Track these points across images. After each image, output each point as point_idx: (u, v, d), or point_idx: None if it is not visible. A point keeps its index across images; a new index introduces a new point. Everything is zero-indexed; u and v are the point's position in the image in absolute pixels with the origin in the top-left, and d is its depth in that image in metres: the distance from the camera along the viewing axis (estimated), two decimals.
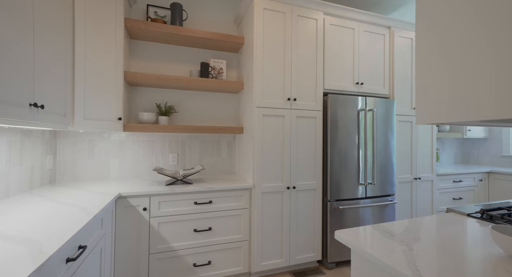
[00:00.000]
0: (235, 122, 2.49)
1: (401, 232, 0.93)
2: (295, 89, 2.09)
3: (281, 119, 2.05)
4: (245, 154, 2.18)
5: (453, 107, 0.72)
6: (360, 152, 2.23)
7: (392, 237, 0.88)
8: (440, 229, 0.97)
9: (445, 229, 0.97)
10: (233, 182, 2.01)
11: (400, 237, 0.88)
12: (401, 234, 0.91)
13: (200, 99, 2.37)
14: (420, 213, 2.58)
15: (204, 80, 2.09)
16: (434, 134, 2.67)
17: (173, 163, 2.25)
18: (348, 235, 0.89)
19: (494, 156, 3.46)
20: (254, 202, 1.95)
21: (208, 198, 1.82)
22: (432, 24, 0.79)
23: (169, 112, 2.13)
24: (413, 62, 2.56)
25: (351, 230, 0.95)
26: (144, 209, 1.63)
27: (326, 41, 2.20)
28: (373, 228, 0.97)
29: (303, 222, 2.10)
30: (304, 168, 2.12)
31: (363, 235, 0.90)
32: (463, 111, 0.70)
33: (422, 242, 0.84)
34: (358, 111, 2.23)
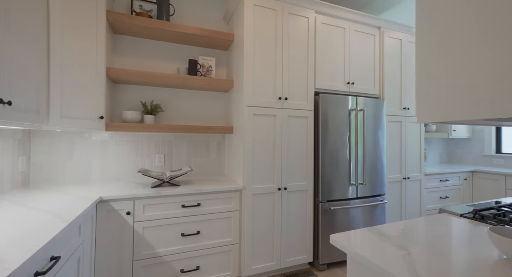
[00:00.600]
0: (225, 121, 2.42)
1: (397, 235, 0.90)
2: (286, 88, 2.04)
3: (272, 118, 2.00)
4: (235, 154, 2.11)
5: (453, 105, 0.69)
6: (351, 152, 2.22)
7: (389, 241, 0.84)
8: (436, 231, 0.95)
9: (441, 231, 0.95)
10: (222, 183, 1.94)
11: (397, 240, 0.85)
12: (398, 237, 0.88)
13: (188, 97, 2.28)
14: (409, 213, 2.61)
15: (193, 77, 2.01)
16: (422, 134, 2.71)
17: (160, 164, 2.15)
18: (343, 239, 0.85)
19: (477, 156, 3.57)
20: (244, 204, 1.89)
21: (196, 201, 1.75)
22: (432, 23, 0.76)
23: (156, 111, 2.03)
24: (402, 62, 2.58)
25: (346, 233, 0.91)
26: (127, 213, 1.54)
27: (317, 40, 2.18)
28: (369, 231, 0.93)
29: (294, 224, 2.06)
30: (296, 168, 2.08)
31: (359, 239, 0.86)
32: (463, 109, 0.67)
33: (420, 245, 0.81)
34: (349, 111, 2.22)
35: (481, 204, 1.32)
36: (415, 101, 2.62)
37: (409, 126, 2.63)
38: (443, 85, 0.72)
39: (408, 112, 2.62)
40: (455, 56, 0.72)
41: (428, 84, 0.75)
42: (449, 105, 0.70)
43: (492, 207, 1.17)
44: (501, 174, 2.89)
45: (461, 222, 1.06)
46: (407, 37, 2.60)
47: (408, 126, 2.62)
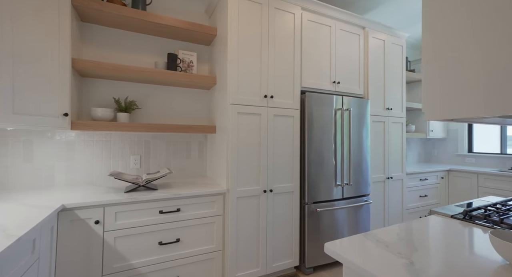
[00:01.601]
0: (207, 120, 2.29)
1: (394, 240, 0.84)
2: (272, 86, 1.96)
3: (257, 117, 1.91)
4: (218, 155, 1.99)
5: (463, 102, 0.64)
6: (337, 153, 2.19)
7: (387, 248, 0.78)
8: (431, 235, 0.91)
9: (437, 234, 0.91)
10: (204, 186, 1.81)
11: (396, 247, 0.79)
12: (395, 243, 0.82)
13: (167, 94, 2.13)
14: (392, 212, 2.64)
15: (172, 73, 1.86)
16: (404, 134, 2.76)
17: (135, 166, 1.97)
18: (338, 248, 0.78)
19: (451, 155, 3.73)
20: (228, 208, 1.78)
21: (176, 206, 1.61)
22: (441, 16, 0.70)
23: (130, 109, 1.86)
24: (386, 63, 2.60)
25: (340, 241, 0.83)
26: (96, 222, 1.36)
27: (303, 38, 2.12)
28: (365, 237, 0.87)
29: (280, 227, 1.98)
30: (282, 169, 2.00)
31: (355, 247, 0.79)
32: (473, 106, 0.62)
33: (420, 252, 0.75)
34: (335, 110, 2.19)
35: (469, 204, 1.31)
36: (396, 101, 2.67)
37: (392, 126, 2.66)
38: (452, 81, 0.67)
39: (391, 112, 2.65)
40: (465, 51, 0.66)
41: (436, 81, 0.69)
42: (458, 102, 0.64)
43: (480, 207, 1.17)
44: (474, 173, 3.03)
45: (454, 224, 1.03)
46: (390, 39, 2.64)
47: (391, 126, 2.65)
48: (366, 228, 2.36)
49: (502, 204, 1.24)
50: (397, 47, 2.70)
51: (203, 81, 2.00)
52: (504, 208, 1.15)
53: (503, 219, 0.99)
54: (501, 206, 1.22)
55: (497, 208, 1.18)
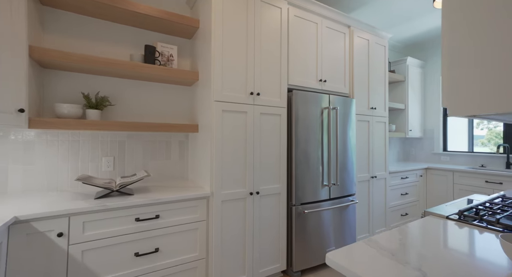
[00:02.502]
0: (189, 119, 2.15)
1: (398, 247, 0.79)
2: (258, 83, 1.87)
3: (243, 115, 1.80)
4: (200, 156, 1.86)
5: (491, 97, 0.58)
6: (324, 152, 2.15)
7: (393, 257, 0.71)
8: (435, 239, 0.86)
9: (438, 238, 0.87)
10: (186, 190, 1.67)
11: (402, 255, 0.73)
12: (400, 251, 0.76)
13: (145, 90, 1.95)
14: (376, 211, 2.66)
15: (150, 66, 1.70)
16: (387, 133, 2.80)
17: (108, 169, 1.78)
18: (342, 260, 0.70)
19: (428, 154, 3.88)
20: (212, 213, 1.65)
21: (154, 212, 1.45)
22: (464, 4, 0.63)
23: (102, 105, 1.67)
24: (370, 63, 2.62)
25: (343, 251, 0.76)
26: (59, 234, 1.18)
27: (290, 34, 2.05)
28: (367, 245, 0.80)
29: (267, 231, 1.89)
30: (269, 170, 1.91)
31: (359, 256, 0.72)
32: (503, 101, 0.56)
33: (429, 260, 0.70)
34: (322, 109, 2.14)
35: (458, 203, 1.31)
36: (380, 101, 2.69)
37: (376, 126, 2.68)
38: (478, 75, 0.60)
39: (375, 112, 2.67)
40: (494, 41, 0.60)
41: (461, 74, 0.62)
42: (486, 97, 0.58)
43: (472, 207, 1.16)
44: (450, 170, 3.16)
45: (452, 226, 1.00)
46: (374, 38, 2.66)
47: (375, 125, 2.68)
48: (352, 228, 2.35)
49: (490, 202, 1.24)
50: (380, 47, 2.73)
51: (184, 76, 1.85)
52: (495, 207, 1.15)
53: (499, 219, 0.98)
54: (490, 205, 1.22)
55: (486, 207, 1.18)
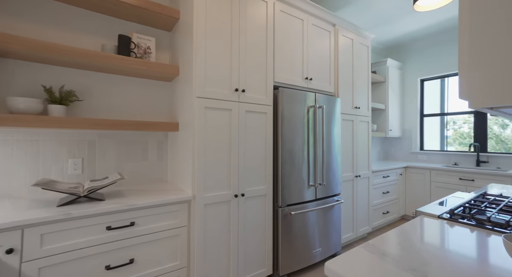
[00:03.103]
0: (168, 116, 2.00)
1: (399, 252, 0.73)
2: (243, 79, 1.78)
3: (227, 113, 1.70)
4: (181, 156, 1.73)
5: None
6: (310, 152, 2.10)
7: (397, 263, 0.66)
8: (433, 241, 0.82)
9: (437, 239, 0.83)
10: (165, 193, 1.54)
11: (405, 261, 0.68)
12: (403, 256, 0.71)
13: (120, 86, 1.78)
14: (359, 210, 2.67)
15: (125, 58, 1.54)
16: (370, 133, 2.83)
17: (75, 172, 1.59)
18: (344, 269, 0.63)
19: (406, 153, 4.01)
20: (194, 218, 1.54)
21: (129, 219, 1.31)
22: None
23: (68, 100, 1.48)
24: (354, 62, 2.63)
25: (342, 259, 0.69)
26: (8, 251, 1.00)
27: (276, 30, 1.98)
28: (366, 250, 0.74)
29: (252, 235, 1.81)
30: (254, 171, 1.83)
31: (361, 264, 0.65)
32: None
33: (433, 265, 0.65)
34: (308, 107, 2.10)
35: (445, 201, 1.31)
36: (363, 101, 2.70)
37: (360, 125, 2.70)
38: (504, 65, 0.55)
39: (359, 111, 2.68)
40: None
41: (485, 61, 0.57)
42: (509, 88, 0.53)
43: (461, 205, 1.15)
44: (427, 169, 3.27)
45: (447, 225, 0.98)
46: (357, 38, 2.67)
47: (359, 125, 2.69)
48: (338, 228, 2.33)
49: (475, 200, 1.25)
50: (364, 47, 2.75)
51: (163, 71, 1.71)
52: (482, 205, 1.15)
53: (489, 217, 0.97)
54: (475, 202, 1.23)
55: (473, 204, 1.18)
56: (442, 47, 3.57)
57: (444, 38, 3.54)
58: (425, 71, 3.78)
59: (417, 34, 3.54)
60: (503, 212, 1.08)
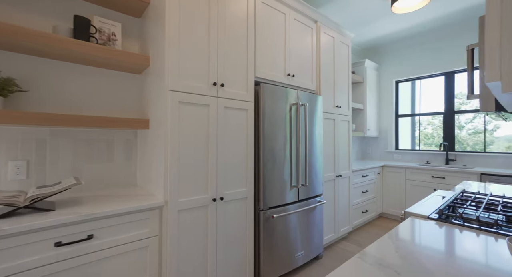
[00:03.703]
0: (139, 113, 1.79)
1: (399, 262, 0.64)
2: (222, 72, 1.63)
3: (205, 109, 1.55)
4: (152, 157, 1.54)
5: None
6: (292, 151, 2.01)
7: (399, 276, 0.56)
8: (431, 246, 0.75)
9: (435, 245, 0.76)
10: (133, 199, 1.34)
11: (409, 273, 0.58)
12: (403, 266, 0.62)
13: (78, 76, 1.55)
14: (340, 210, 2.65)
15: (82, 44, 1.32)
16: (350, 132, 2.82)
17: (18, 177, 1.33)
18: None
19: (382, 152, 4.12)
20: (167, 226, 1.36)
21: (86, 232, 1.11)
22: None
23: (6, 90, 1.23)
24: (335, 60, 2.60)
25: (340, 273, 0.58)
26: None
27: (257, 22, 1.86)
28: (363, 261, 0.64)
29: (232, 241, 1.67)
30: (234, 172, 1.69)
31: None
32: None
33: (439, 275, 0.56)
34: (290, 105, 2.01)
35: (431, 201, 1.27)
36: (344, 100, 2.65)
37: (341, 124, 2.68)
38: None
39: (340, 110, 2.66)
40: None
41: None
42: None
43: (449, 205, 1.12)
44: (402, 167, 3.36)
45: (440, 227, 0.92)
46: (338, 37, 2.65)
47: (340, 124, 2.67)
48: (320, 229, 2.27)
49: (459, 198, 1.23)
50: (344, 46, 2.74)
51: (132, 61, 1.51)
52: (467, 204, 1.13)
53: (478, 216, 0.93)
54: (461, 201, 1.21)
55: (458, 203, 1.16)
56: (416, 50, 3.71)
57: (417, 41, 3.68)
58: (399, 73, 3.91)
59: (393, 36, 3.64)
60: (487, 210, 1.06)
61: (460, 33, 3.29)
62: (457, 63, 3.34)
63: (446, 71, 3.48)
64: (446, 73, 3.50)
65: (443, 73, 3.53)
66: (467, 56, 1.01)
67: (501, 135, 3.20)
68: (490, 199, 1.26)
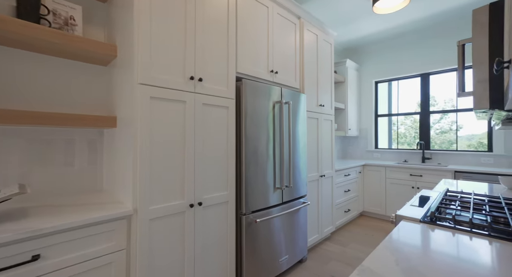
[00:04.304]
0: (106, 109, 1.59)
1: (400, 275, 0.56)
2: (201, 66, 1.49)
3: (180, 105, 1.39)
4: (120, 159, 1.36)
5: None
6: (276, 151, 1.92)
7: None
8: (432, 254, 0.68)
9: (436, 253, 0.69)
10: (95, 208, 1.16)
11: None
12: None
13: (28, 63, 1.32)
14: (324, 210, 2.60)
15: (31, 26, 1.12)
16: (333, 131, 2.79)
17: None
18: None
19: (362, 151, 4.18)
20: (136, 237, 1.20)
21: (30, 252, 0.92)
22: None
23: None
24: (318, 58, 2.55)
25: None
26: None
27: (239, 14, 1.74)
28: None
29: (212, 250, 1.53)
30: (214, 175, 1.56)
31: None
32: None
33: None
34: (274, 103, 1.91)
35: (419, 202, 1.23)
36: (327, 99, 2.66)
37: (324, 124, 2.63)
38: None
39: (323, 109, 2.61)
40: None
41: None
42: None
43: (438, 206, 1.07)
44: (382, 166, 3.42)
45: (433, 231, 0.87)
46: (322, 35, 2.60)
47: (323, 123, 2.62)
48: (304, 231, 2.20)
49: (448, 199, 1.21)
50: (327, 44, 2.70)
51: (94, 49, 1.32)
52: (456, 205, 1.09)
53: (471, 219, 0.89)
54: (450, 202, 1.18)
55: (447, 204, 1.12)
56: (395, 51, 3.79)
57: (397, 42, 3.76)
58: (379, 73, 3.98)
59: (373, 37, 3.69)
60: (477, 211, 1.03)
61: (435, 36, 3.41)
62: (432, 65, 3.45)
63: (422, 73, 3.59)
64: (422, 74, 3.62)
65: (419, 75, 3.65)
66: (457, 52, 0.96)
67: (463, 134, 3.40)
68: (475, 199, 1.24)
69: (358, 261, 2.21)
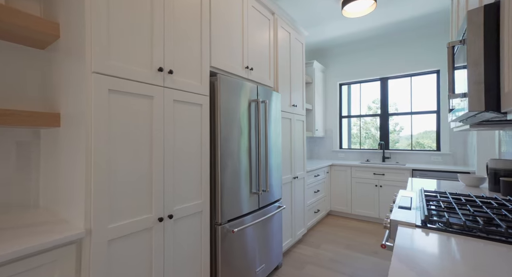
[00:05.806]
0: (43, 104, 1.27)
1: None
2: (170, 56, 1.28)
3: (147, 101, 1.17)
4: (66, 167, 1.08)
5: None
6: (253, 153, 1.79)
7: None
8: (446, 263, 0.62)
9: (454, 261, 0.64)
10: (29, 231, 0.88)
11: None
12: None
13: None
14: (297, 213, 2.57)
15: None
16: (305, 132, 2.78)
17: None
18: None
19: (328, 151, 4.32)
20: (89, 265, 0.95)
21: None
22: None
23: None
24: (291, 57, 2.50)
25: None
26: None
27: (213, 2, 1.57)
28: None
29: (184, 267, 1.33)
30: (186, 182, 1.36)
31: None
32: None
33: None
34: (250, 101, 1.78)
35: (404, 204, 1.23)
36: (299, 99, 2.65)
37: (296, 124, 2.60)
38: None
39: (296, 109, 2.58)
40: None
41: None
42: None
43: (430, 209, 1.07)
44: (348, 166, 3.56)
45: (440, 238, 0.83)
46: (294, 33, 2.56)
47: (296, 123, 2.59)
48: (279, 237, 2.11)
49: (430, 200, 1.23)
50: (299, 44, 2.68)
51: (25, 24, 1.02)
52: (443, 206, 1.11)
53: (465, 221, 0.89)
54: (438, 203, 1.19)
55: (436, 206, 1.13)
56: (358, 55, 4.00)
57: (361, 47, 3.97)
58: (343, 76, 4.16)
59: (339, 40, 3.83)
60: (463, 211, 1.05)
61: (396, 42, 3.68)
62: (390, 70, 3.72)
63: (381, 77, 3.85)
64: (382, 78, 3.88)
65: (379, 79, 3.91)
66: (447, 54, 0.96)
67: (403, 135, 3.80)
68: (454, 198, 1.28)
69: (333, 263, 2.21)
